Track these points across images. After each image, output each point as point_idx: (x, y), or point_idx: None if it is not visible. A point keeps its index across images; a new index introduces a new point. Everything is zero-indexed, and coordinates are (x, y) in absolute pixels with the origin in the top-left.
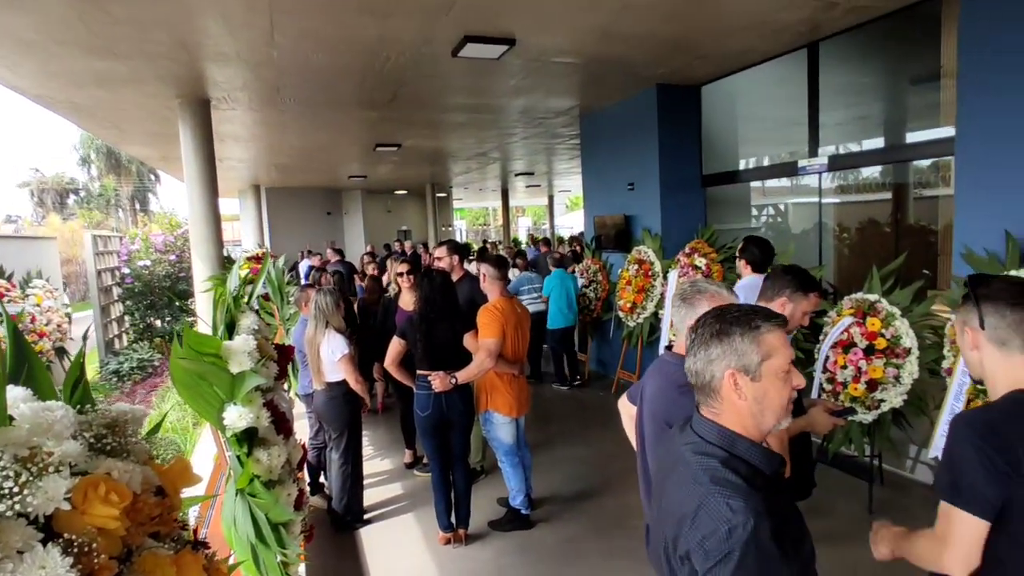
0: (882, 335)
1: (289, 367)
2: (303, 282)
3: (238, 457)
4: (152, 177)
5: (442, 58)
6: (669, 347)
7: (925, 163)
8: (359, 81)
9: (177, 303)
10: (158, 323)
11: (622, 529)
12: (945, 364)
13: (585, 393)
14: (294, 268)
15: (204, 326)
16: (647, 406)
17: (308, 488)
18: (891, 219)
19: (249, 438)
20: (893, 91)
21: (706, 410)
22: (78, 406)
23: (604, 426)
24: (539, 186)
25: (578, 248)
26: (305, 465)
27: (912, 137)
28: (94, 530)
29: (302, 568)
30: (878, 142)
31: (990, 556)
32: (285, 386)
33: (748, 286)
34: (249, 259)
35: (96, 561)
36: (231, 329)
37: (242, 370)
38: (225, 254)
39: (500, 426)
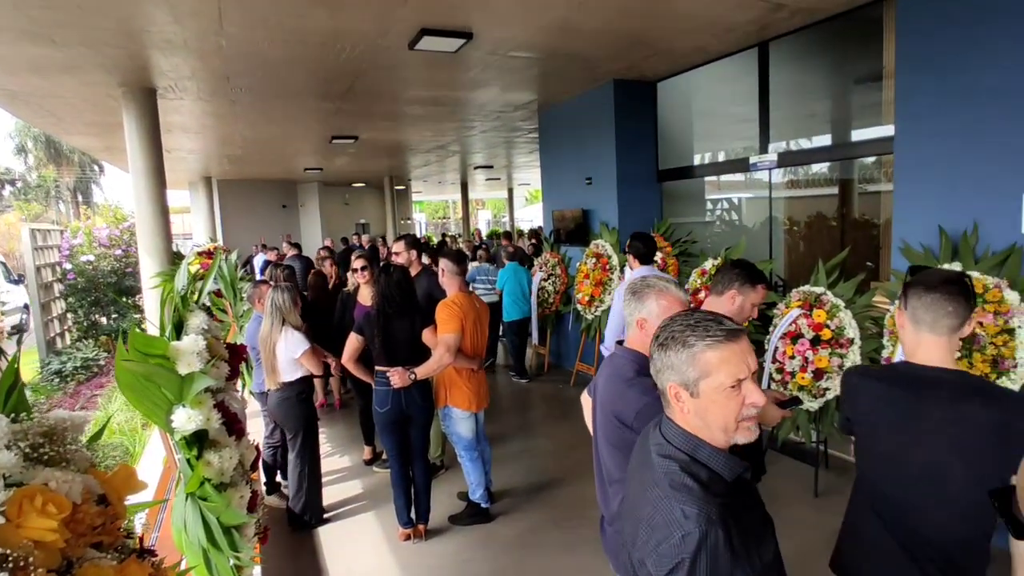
0: (827, 326)
1: (243, 365)
2: (258, 277)
3: (188, 460)
4: (95, 167)
5: (399, 51)
6: (620, 341)
7: (869, 159)
8: (314, 73)
9: (122, 300)
10: (103, 320)
11: (581, 519)
12: (885, 353)
13: (544, 385)
14: (248, 262)
15: (152, 326)
16: (598, 398)
17: (264, 488)
18: (837, 214)
19: (199, 440)
20: (839, 90)
21: (669, 413)
22: (12, 414)
23: (562, 418)
24: (499, 179)
25: (535, 241)
26: (260, 465)
27: (857, 135)
28: (31, 544)
29: (257, 570)
30: (825, 139)
31: None
32: (238, 385)
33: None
34: (200, 254)
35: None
36: (179, 329)
37: (191, 371)
38: (174, 248)
39: (459, 421)
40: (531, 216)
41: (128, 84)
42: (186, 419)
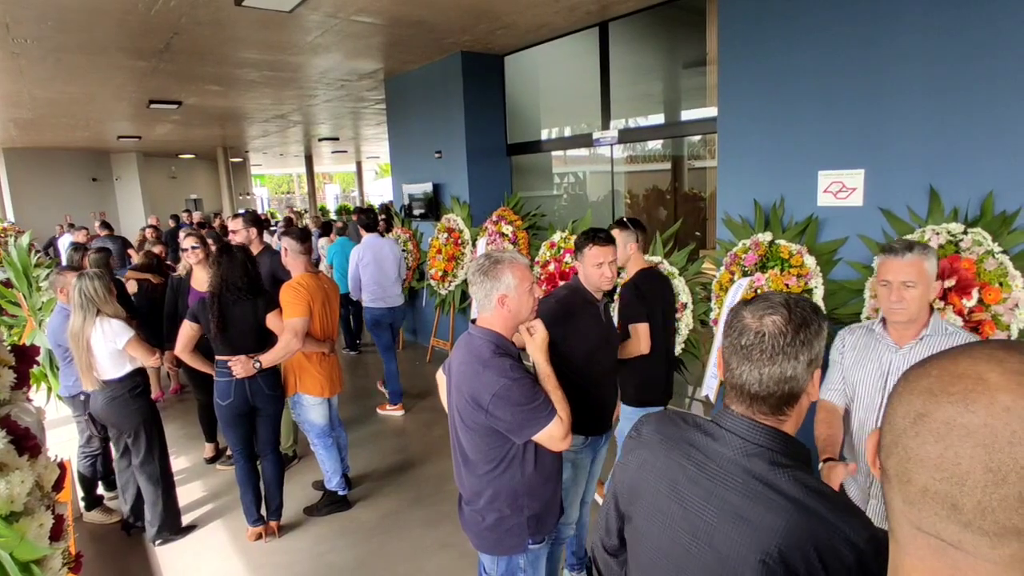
0: None
1: (48, 366)
2: (63, 262)
3: None
4: None
5: (224, 6)
6: (474, 321)
7: (696, 138)
8: (120, 25)
9: None
10: None
11: (441, 495)
12: (712, 315)
13: (400, 363)
14: (51, 245)
15: None
16: (454, 380)
17: (83, 504)
18: (670, 187)
19: None
20: (670, 73)
21: (768, 419)
22: None
23: (419, 395)
24: (346, 152)
25: (385, 217)
26: (76, 479)
27: (686, 115)
28: None
29: None
30: (659, 118)
31: None
32: (33, 393)
33: (368, 243)
34: None
35: None
36: None
37: None
38: None
39: (311, 408)
40: (381, 191)
41: None
42: None
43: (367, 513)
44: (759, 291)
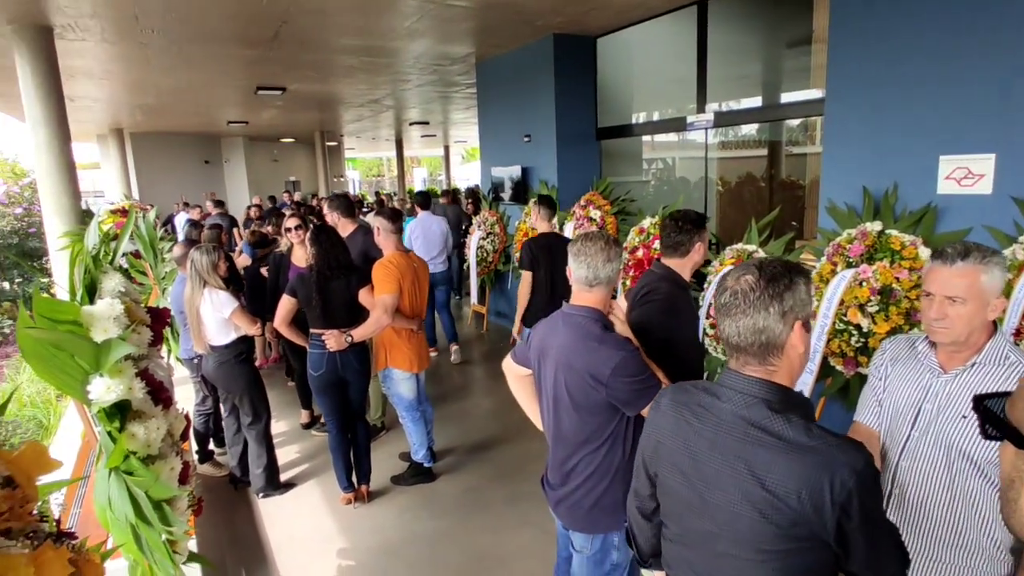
0: None
1: (168, 330)
2: (180, 237)
3: (109, 433)
4: None
5: None
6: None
7: (795, 122)
8: (234, 15)
9: (26, 263)
10: (5, 285)
11: (523, 474)
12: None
13: (484, 344)
14: (169, 222)
15: (62, 290)
16: (559, 359)
17: (196, 458)
18: (766, 175)
19: (121, 412)
20: (770, 53)
21: (758, 370)
22: None
23: (503, 376)
24: (435, 136)
25: (472, 201)
26: (192, 434)
27: (786, 98)
28: None
29: (192, 543)
30: (756, 101)
31: None
32: (164, 352)
33: (420, 219)
34: (113, 212)
35: None
36: (93, 292)
37: (108, 338)
38: (84, 207)
39: (400, 382)
40: (467, 175)
41: (18, 20)
42: (105, 389)
43: (450, 486)
44: (864, 284)
